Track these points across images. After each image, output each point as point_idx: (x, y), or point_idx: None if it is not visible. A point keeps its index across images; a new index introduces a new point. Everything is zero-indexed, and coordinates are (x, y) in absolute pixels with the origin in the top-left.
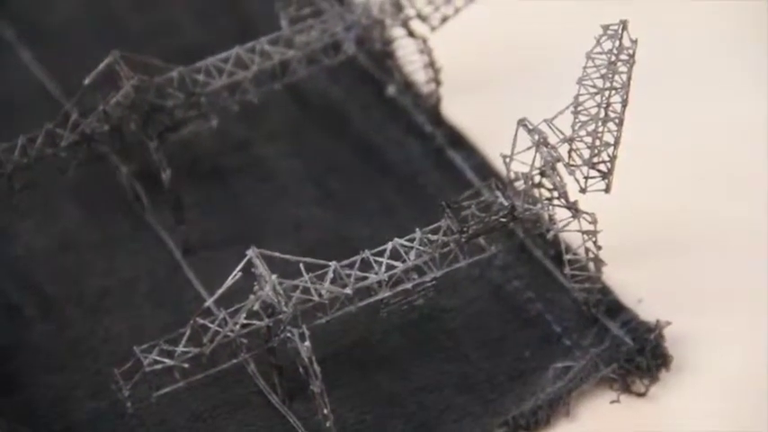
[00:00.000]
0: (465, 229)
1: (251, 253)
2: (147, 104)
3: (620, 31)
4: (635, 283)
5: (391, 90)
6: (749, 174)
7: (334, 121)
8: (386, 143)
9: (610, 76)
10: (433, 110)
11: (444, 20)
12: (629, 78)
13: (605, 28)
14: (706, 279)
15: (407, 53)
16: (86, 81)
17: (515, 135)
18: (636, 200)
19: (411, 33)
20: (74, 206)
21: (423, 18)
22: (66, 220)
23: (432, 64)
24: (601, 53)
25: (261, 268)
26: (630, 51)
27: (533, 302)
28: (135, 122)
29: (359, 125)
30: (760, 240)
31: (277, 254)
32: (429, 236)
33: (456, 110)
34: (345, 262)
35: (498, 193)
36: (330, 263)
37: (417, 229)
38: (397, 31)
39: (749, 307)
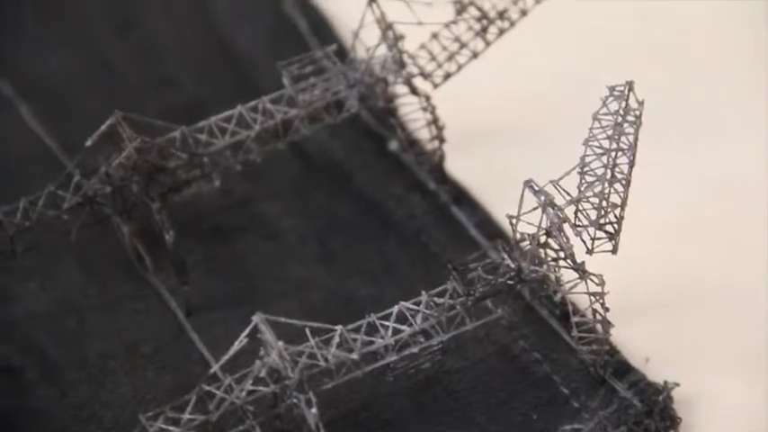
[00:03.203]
0: (472, 292)
1: (257, 319)
2: (150, 165)
3: (626, 92)
4: (642, 341)
5: (393, 145)
6: (753, 230)
7: (337, 177)
8: (388, 200)
9: (616, 137)
10: (436, 167)
11: (447, 77)
12: (635, 139)
13: (611, 89)
14: (713, 337)
15: (410, 110)
16: (88, 142)
17: (522, 196)
18: (639, 258)
19: (414, 91)
20: (75, 267)
21: (425, 75)
22: (68, 281)
23: (435, 121)
24: (607, 114)
25: (267, 334)
26: (637, 112)
27: (540, 363)
28: (137, 184)
29: (361, 182)
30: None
31: (282, 319)
32: (435, 299)
33: (459, 166)
34: (351, 326)
35: (505, 255)
36: (336, 327)
37: (424, 293)
38: (400, 89)
39: (758, 366)
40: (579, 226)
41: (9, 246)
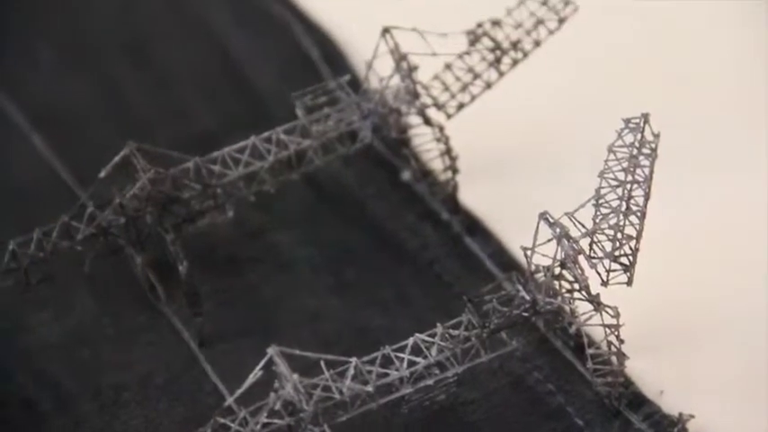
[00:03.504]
0: (487, 324)
1: (272, 351)
2: (164, 196)
3: (641, 125)
4: (657, 373)
5: (406, 175)
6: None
7: (350, 207)
8: (401, 230)
9: (632, 169)
10: (449, 198)
11: (461, 107)
12: (651, 172)
13: (627, 121)
14: (729, 369)
15: (424, 141)
16: (102, 173)
17: (537, 228)
18: (654, 289)
19: (427, 121)
20: (89, 297)
21: (439, 106)
22: (82, 312)
23: (448, 152)
24: (622, 146)
25: (282, 366)
26: (653, 145)
27: (554, 395)
28: (151, 215)
29: (374, 212)
30: None
31: (297, 351)
32: (450, 331)
33: (472, 196)
34: (366, 358)
35: (520, 287)
36: (351, 359)
37: (439, 325)
38: (414, 119)
39: None
40: (594, 258)
41: (23, 277)
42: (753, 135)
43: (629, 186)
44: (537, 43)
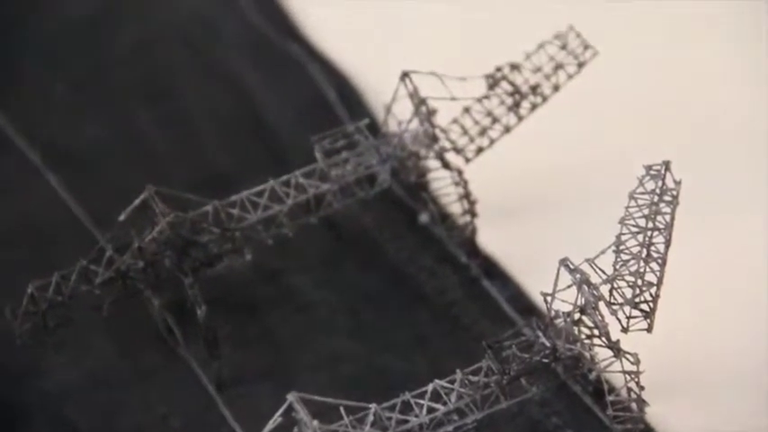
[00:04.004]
0: (507, 370)
1: (291, 397)
2: (182, 240)
3: (663, 172)
4: (677, 420)
5: (424, 218)
6: None
7: (367, 250)
8: (419, 273)
9: (653, 216)
10: (468, 241)
11: (479, 151)
12: (672, 219)
13: (648, 168)
14: (749, 416)
15: (443, 185)
16: (121, 217)
17: (557, 274)
18: (675, 336)
19: (446, 165)
20: (106, 340)
21: (458, 150)
22: (99, 354)
23: (467, 196)
24: (643, 193)
25: (302, 413)
26: (674, 192)
27: None
28: (170, 258)
29: (392, 254)
30: None
31: (317, 397)
32: (470, 377)
33: (491, 240)
34: (386, 404)
35: (539, 333)
36: (370, 405)
37: (458, 371)
38: (432, 163)
39: None
40: (614, 304)
41: (41, 320)
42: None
43: (649, 233)
44: (556, 87)
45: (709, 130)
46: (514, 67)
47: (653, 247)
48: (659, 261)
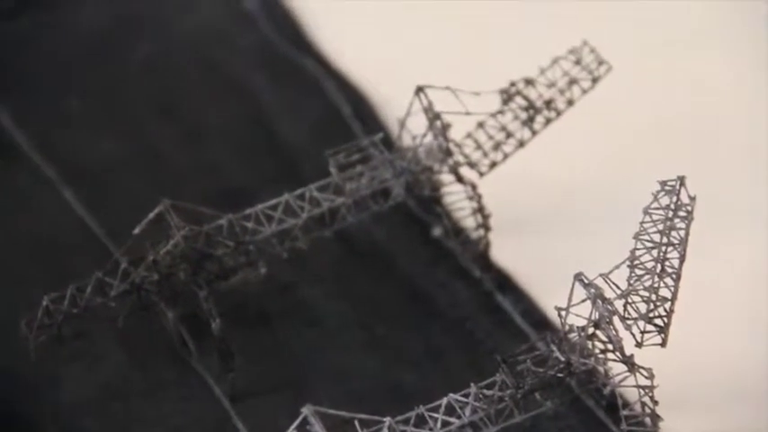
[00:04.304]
0: (521, 384)
1: (306, 411)
2: (197, 253)
3: (677, 187)
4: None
5: (437, 231)
6: None
7: (380, 263)
8: (432, 286)
9: (667, 231)
10: (481, 255)
11: (493, 166)
12: (687, 234)
13: (663, 183)
14: (760, 430)
15: (456, 199)
16: (136, 230)
17: (571, 289)
18: (689, 350)
19: (460, 179)
20: (120, 352)
21: (472, 164)
22: (113, 366)
23: (481, 210)
24: (658, 208)
25: (317, 426)
26: (689, 208)
27: None
28: (184, 271)
29: (405, 268)
30: None
31: (331, 411)
32: (484, 391)
33: (504, 254)
34: (400, 418)
35: (554, 347)
36: (384, 419)
37: (473, 385)
38: (446, 177)
39: None
40: (629, 319)
41: (56, 332)
42: None
43: (664, 248)
44: (570, 102)
45: (724, 144)
46: (529, 81)
47: (667, 263)
48: (673, 276)
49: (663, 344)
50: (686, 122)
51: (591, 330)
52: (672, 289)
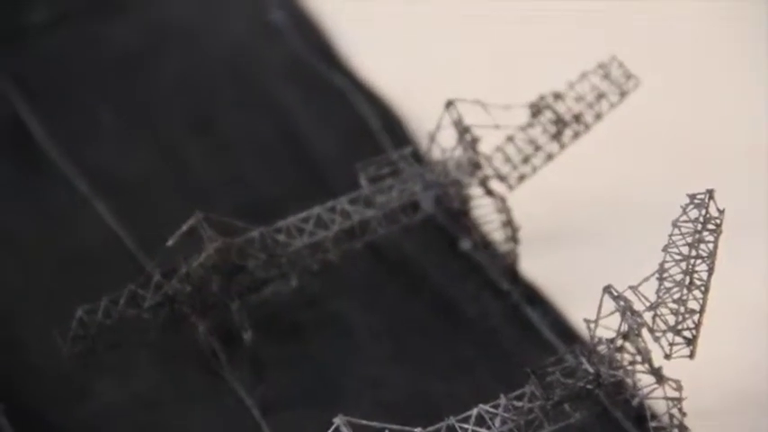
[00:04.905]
0: (551, 396)
1: (338, 421)
2: (229, 265)
3: (706, 201)
4: None
5: (466, 244)
6: None
7: (409, 275)
8: (461, 298)
9: (696, 244)
10: (510, 268)
11: (522, 179)
12: (715, 247)
13: (692, 197)
14: None
15: (485, 212)
16: (169, 242)
17: (600, 301)
18: (718, 362)
19: (489, 192)
20: (151, 364)
21: (501, 177)
22: (144, 377)
23: (510, 223)
24: (687, 221)
25: None
26: (718, 221)
27: None
28: (216, 283)
29: (434, 280)
30: None
31: (363, 421)
32: (514, 402)
33: (533, 266)
34: (431, 429)
35: (583, 359)
36: (415, 429)
37: (502, 396)
38: (475, 190)
39: None
40: (657, 331)
41: (90, 344)
42: None
43: (693, 261)
44: (599, 116)
45: (756, 158)
46: (557, 95)
47: (696, 275)
48: (702, 289)
49: (691, 356)
50: (716, 136)
51: (620, 342)
52: (700, 301)
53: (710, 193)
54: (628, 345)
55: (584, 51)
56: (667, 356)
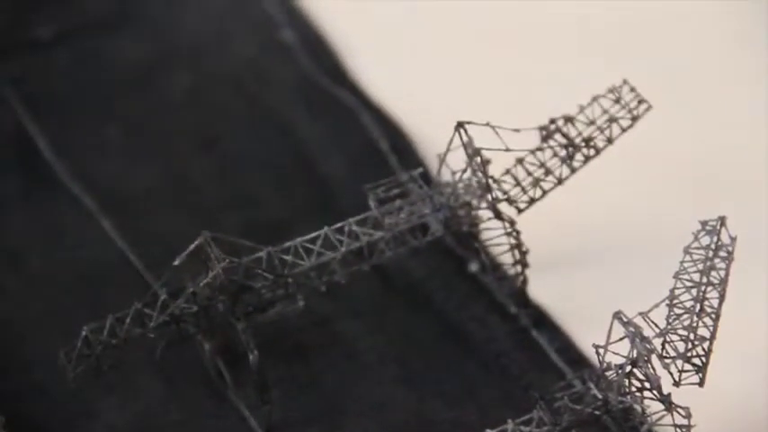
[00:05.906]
0: (558, 421)
1: None
2: (236, 285)
3: (718, 227)
4: None
5: (473, 267)
6: None
7: (416, 297)
8: (468, 321)
9: (707, 271)
10: (519, 291)
11: (532, 202)
12: (727, 275)
13: (704, 224)
14: None
15: (494, 235)
16: (176, 262)
17: (610, 327)
18: (727, 390)
19: (498, 215)
20: (156, 382)
21: (510, 201)
22: (148, 397)
23: (519, 246)
24: (699, 248)
25: None
26: (730, 248)
27: None
28: (223, 303)
29: (441, 303)
30: None
31: None
32: (521, 428)
33: (541, 290)
34: None
35: (591, 385)
36: None
37: (509, 420)
38: (484, 213)
39: None
40: (667, 358)
41: (95, 363)
42: None
43: (704, 288)
44: (609, 140)
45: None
46: (568, 119)
47: (707, 302)
48: (713, 316)
49: (701, 383)
50: (727, 162)
51: (629, 368)
52: (711, 329)
53: (722, 219)
54: (637, 371)
55: (595, 75)
56: (676, 383)
